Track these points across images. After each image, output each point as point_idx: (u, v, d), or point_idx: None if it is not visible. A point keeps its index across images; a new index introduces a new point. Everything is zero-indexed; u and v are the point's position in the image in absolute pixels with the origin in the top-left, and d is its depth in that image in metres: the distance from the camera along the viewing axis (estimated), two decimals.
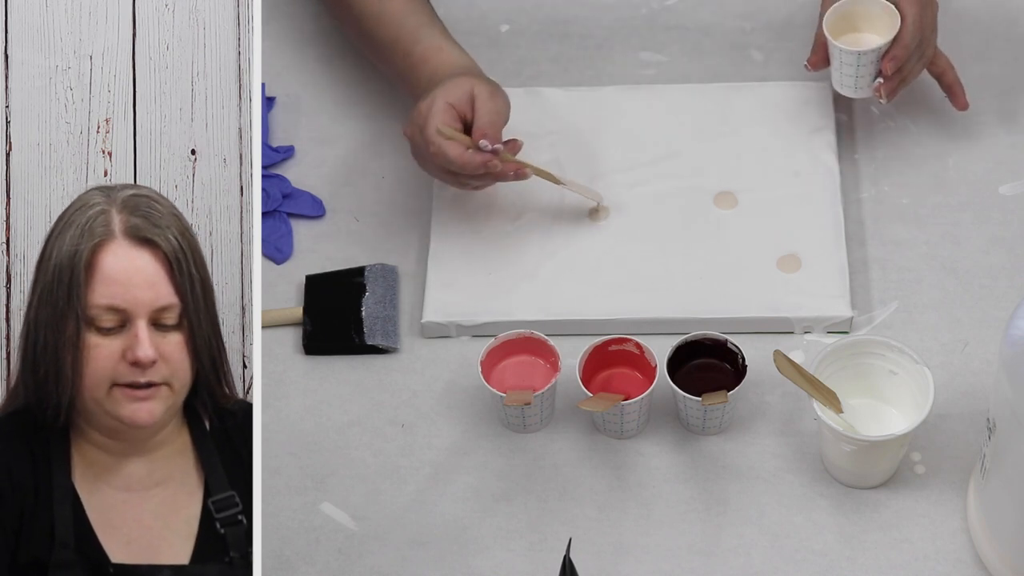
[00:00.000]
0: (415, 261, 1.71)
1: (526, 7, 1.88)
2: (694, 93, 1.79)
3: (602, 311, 1.64)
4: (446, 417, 1.61)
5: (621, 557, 1.51)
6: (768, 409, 1.59)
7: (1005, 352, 1.32)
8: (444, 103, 1.60)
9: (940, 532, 1.51)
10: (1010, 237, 1.68)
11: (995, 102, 1.77)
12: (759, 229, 1.68)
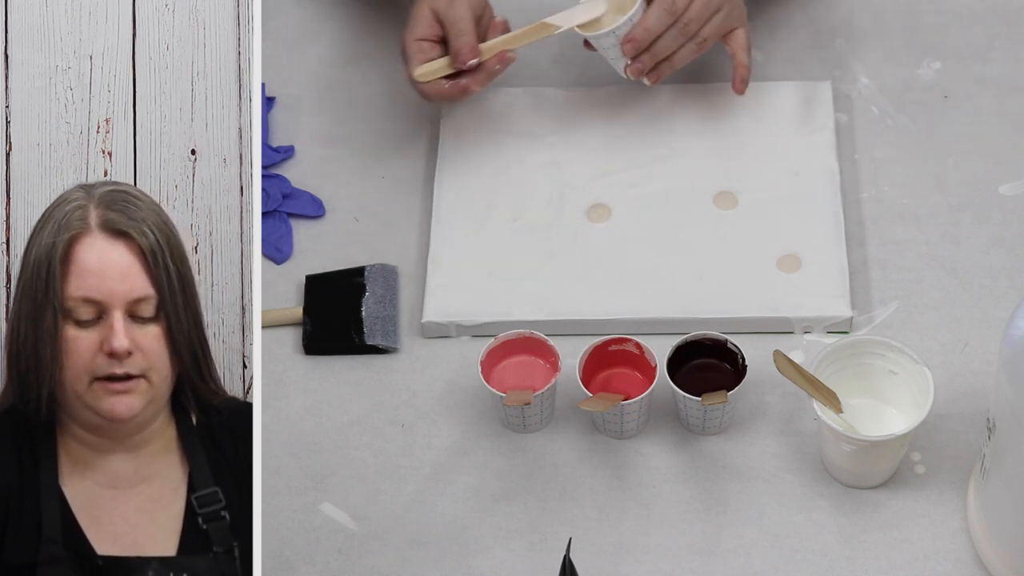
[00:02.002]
0: (415, 261, 1.71)
1: (526, 7, 1.88)
2: (694, 93, 1.79)
3: (602, 311, 1.64)
4: (446, 417, 1.61)
5: (621, 557, 1.51)
6: (768, 409, 1.59)
7: (1005, 352, 1.32)
8: (413, 43, 1.66)
9: (940, 532, 1.51)
10: (1010, 237, 1.68)
11: (995, 102, 1.77)
12: (759, 229, 1.68)
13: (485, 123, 1.78)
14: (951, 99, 1.78)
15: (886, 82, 1.79)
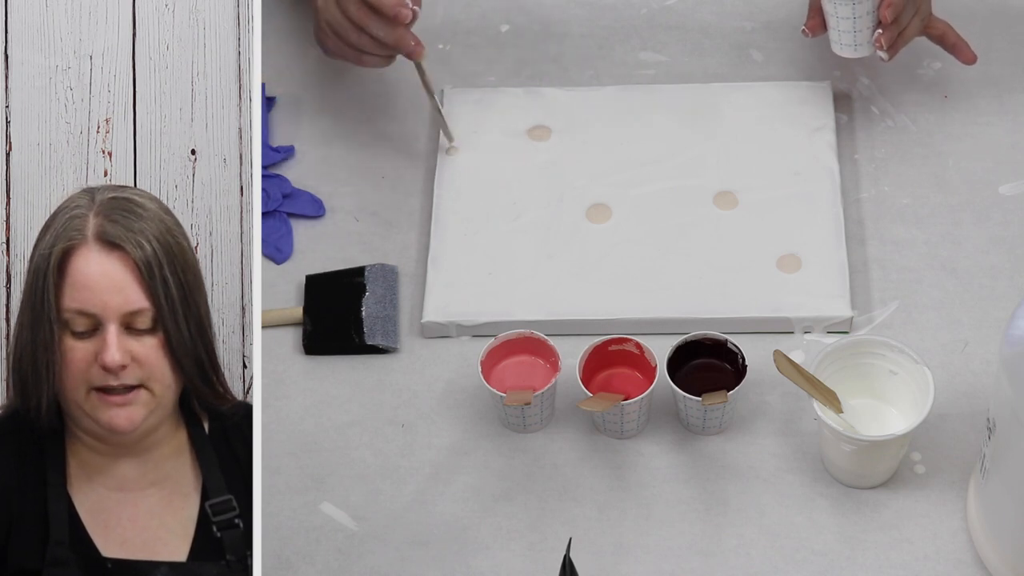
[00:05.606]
0: (415, 261, 1.71)
1: (526, 7, 1.88)
2: (694, 93, 1.79)
3: (602, 311, 1.64)
4: (446, 417, 1.61)
5: (621, 557, 1.51)
6: (768, 409, 1.59)
7: (1005, 352, 1.32)
8: None
9: (940, 532, 1.51)
10: (1010, 237, 1.68)
11: (995, 102, 1.77)
12: (759, 229, 1.68)
13: (485, 123, 1.78)
14: (951, 99, 1.78)
15: (886, 82, 1.80)
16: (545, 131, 1.77)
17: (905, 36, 1.67)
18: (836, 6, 1.65)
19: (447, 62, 1.84)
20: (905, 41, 1.68)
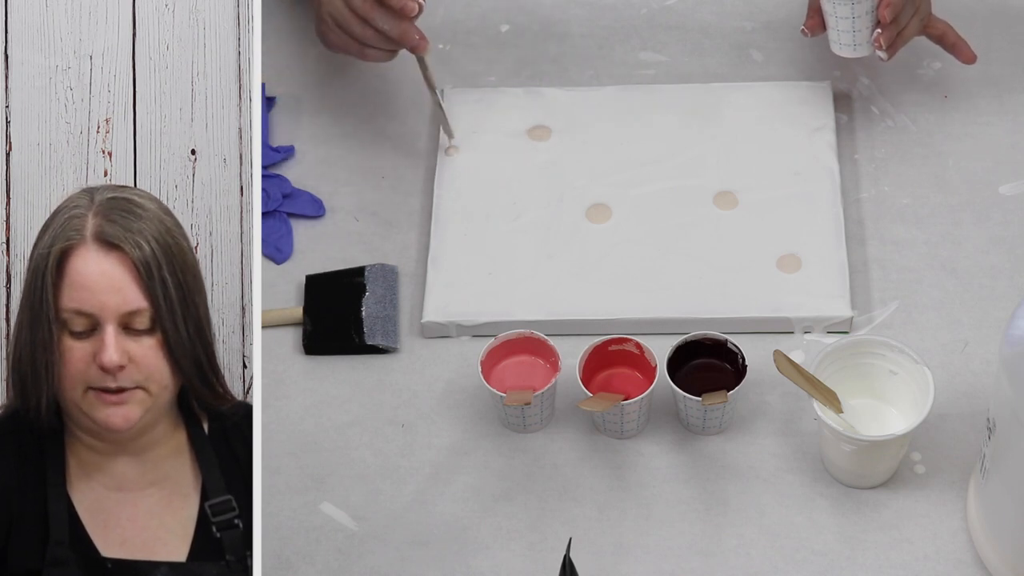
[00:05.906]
0: (415, 261, 1.71)
1: (526, 7, 1.88)
2: (694, 93, 1.79)
3: (602, 311, 1.64)
4: (446, 417, 1.61)
5: (621, 557, 1.51)
6: (768, 409, 1.59)
7: (1005, 352, 1.32)
8: None
9: (940, 532, 1.51)
10: (1010, 237, 1.68)
11: (995, 102, 1.77)
12: (759, 229, 1.68)
13: (485, 123, 1.78)
14: (951, 99, 1.78)
15: (886, 82, 1.80)
16: (545, 131, 1.77)
17: (904, 36, 1.68)
18: (835, 6, 1.65)
19: (447, 62, 1.84)
20: (904, 41, 1.68)
